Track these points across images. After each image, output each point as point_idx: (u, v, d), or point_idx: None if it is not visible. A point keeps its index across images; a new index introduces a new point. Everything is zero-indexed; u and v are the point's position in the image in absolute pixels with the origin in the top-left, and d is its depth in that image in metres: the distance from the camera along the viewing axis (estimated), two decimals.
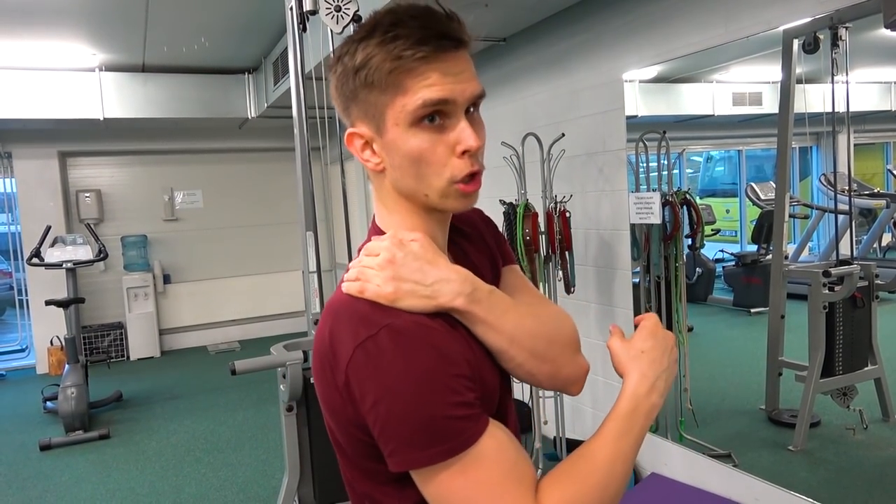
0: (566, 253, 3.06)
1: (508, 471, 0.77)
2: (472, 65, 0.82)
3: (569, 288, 3.09)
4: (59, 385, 4.69)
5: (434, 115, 0.79)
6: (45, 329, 6.42)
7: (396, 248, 0.81)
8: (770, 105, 3.27)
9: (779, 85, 2.96)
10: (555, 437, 3.32)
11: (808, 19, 2.28)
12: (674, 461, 2.96)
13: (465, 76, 0.79)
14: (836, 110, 2.83)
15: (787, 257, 3.41)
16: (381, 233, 0.89)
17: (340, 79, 0.83)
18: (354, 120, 0.84)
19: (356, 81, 0.80)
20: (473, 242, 1.00)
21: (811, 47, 2.55)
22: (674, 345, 0.92)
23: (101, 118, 5.71)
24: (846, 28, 2.48)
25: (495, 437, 0.77)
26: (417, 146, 0.79)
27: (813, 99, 2.99)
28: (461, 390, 0.76)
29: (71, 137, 6.58)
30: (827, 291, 2.88)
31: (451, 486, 0.75)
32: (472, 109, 0.82)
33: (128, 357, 6.83)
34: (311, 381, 2.42)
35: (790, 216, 3.59)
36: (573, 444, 3.36)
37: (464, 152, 0.80)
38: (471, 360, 0.80)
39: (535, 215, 3.01)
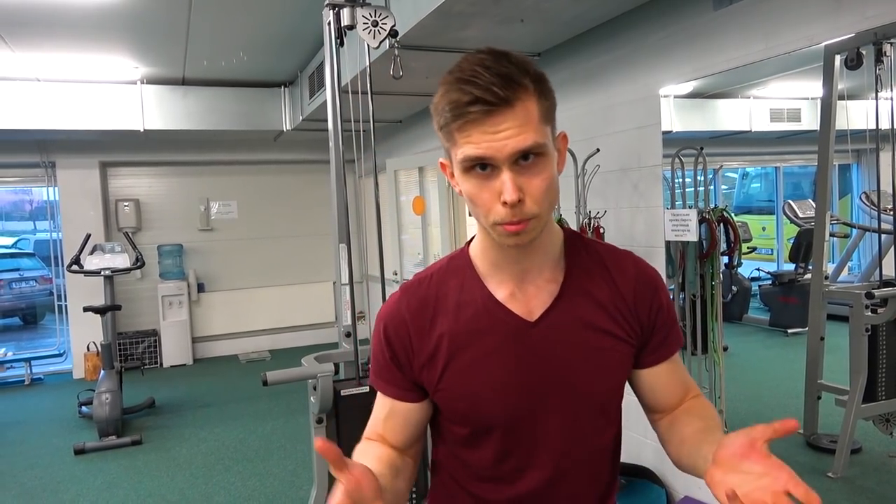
0: None
1: (374, 417, 1.08)
2: (526, 117, 0.86)
3: None
4: (94, 390, 4.77)
5: (485, 165, 0.88)
6: (83, 335, 6.56)
7: None
8: (809, 121, 3.20)
9: (818, 101, 2.90)
10: None
11: (852, 35, 2.23)
12: None
13: (507, 133, 0.85)
14: (880, 127, 2.76)
15: (826, 277, 3.32)
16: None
17: (433, 114, 0.93)
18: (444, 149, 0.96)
19: (434, 121, 0.93)
20: (608, 283, 1.03)
21: (854, 63, 2.49)
22: None
23: (142, 129, 5.84)
24: (891, 44, 2.43)
25: (381, 399, 1.07)
26: (469, 190, 0.91)
27: (855, 115, 2.92)
28: (385, 351, 1.04)
29: (112, 148, 6.75)
30: (870, 313, 2.80)
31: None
32: (530, 157, 0.87)
33: (161, 364, 6.94)
34: (341, 393, 2.43)
35: (830, 235, 3.51)
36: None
37: (504, 203, 0.87)
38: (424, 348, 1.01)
39: None
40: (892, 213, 3.07)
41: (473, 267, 1.02)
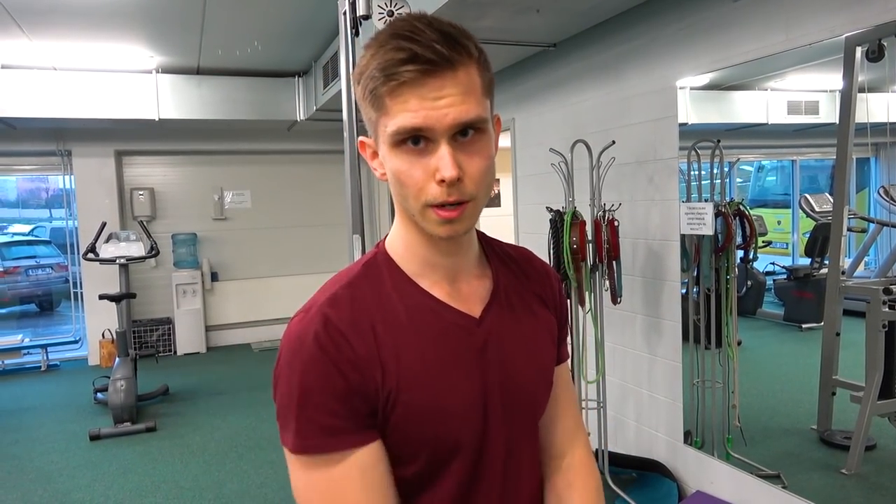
0: (613, 262, 3.01)
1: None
2: (469, 85, 0.77)
3: (615, 298, 3.04)
4: (109, 377, 4.83)
5: (418, 139, 0.76)
6: (98, 322, 6.64)
7: None
8: (827, 114, 3.16)
9: (837, 94, 2.86)
10: (597, 450, 3.26)
11: (874, 26, 2.20)
12: (720, 480, 2.88)
13: (449, 101, 0.75)
14: None
15: (842, 272, 3.29)
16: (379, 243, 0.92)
17: (354, 83, 0.83)
18: (366, 127, 0.85)
19: (358, 91, 0.81)
20: (527, 277, 0.98)
21: (875, 55, 2.45)
22: None
23: (157, 119, 5.88)
24: None
25: (338, 467, 0.83)
26: (397, 167, 0.79)
27: (875, 108, 2.88)
28: (333, 379, 0.79)
29: (127, 137, 6.79)
30: (887, 309, 2.77)
31: (295, 477, 0.88)
32: (469, 133, 0.78)
33: (175, 352, 7.01)
34: None
35: (847, 230, 3.46)
36: (615, 458, 3.30)
37: (441, 181, 0.76)
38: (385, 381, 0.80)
39: (583, 223, 2.97)
40: None
41: (399, 269, 0.87)
